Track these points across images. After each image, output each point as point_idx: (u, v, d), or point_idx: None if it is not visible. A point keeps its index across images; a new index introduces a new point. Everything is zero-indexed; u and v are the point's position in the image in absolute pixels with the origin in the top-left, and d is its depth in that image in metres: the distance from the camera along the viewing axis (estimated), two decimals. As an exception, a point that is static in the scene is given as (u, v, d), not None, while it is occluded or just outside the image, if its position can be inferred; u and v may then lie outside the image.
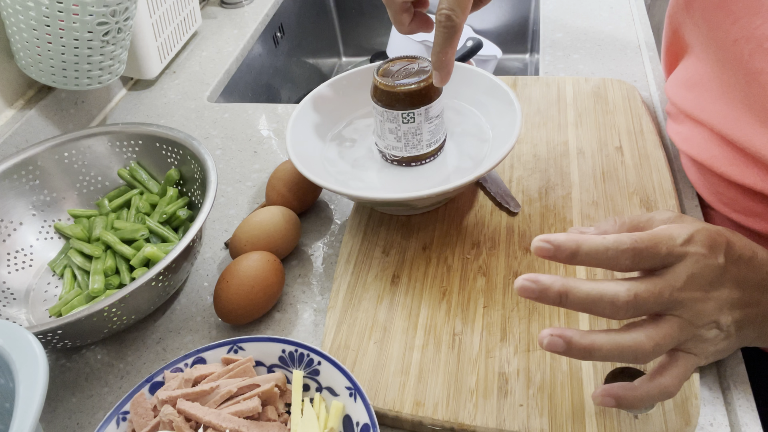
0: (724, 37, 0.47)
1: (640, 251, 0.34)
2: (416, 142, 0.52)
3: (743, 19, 0.45)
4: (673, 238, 0.35)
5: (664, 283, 0.35)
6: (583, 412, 0.40)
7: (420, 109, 0.50)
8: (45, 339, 0.45)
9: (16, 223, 0.58)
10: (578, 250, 0.34)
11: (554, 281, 0.34)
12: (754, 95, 0.44)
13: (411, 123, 0.51)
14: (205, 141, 0.72)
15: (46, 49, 0.62)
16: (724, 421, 0.41)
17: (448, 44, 0.44)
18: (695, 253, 0.35)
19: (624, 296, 0.34)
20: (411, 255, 0.52)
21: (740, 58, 0.45)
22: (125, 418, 0.42)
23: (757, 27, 0.44)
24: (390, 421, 0.43)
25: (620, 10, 0.85)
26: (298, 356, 0.44)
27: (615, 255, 0.34)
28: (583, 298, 0.34)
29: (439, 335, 0.46)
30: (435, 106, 0.51)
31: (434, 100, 0.51)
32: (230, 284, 0.49)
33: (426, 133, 0.52)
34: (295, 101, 1.06)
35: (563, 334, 0.34)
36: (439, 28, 0.44)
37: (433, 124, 0.52)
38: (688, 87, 0.54)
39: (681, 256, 0.35)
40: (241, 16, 0.98)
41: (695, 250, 0.35)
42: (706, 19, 0.49)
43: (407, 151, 0.53)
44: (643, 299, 0.34)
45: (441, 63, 0.46)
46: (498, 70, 1.12)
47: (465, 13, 0.43)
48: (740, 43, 0.45)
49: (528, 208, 0.55)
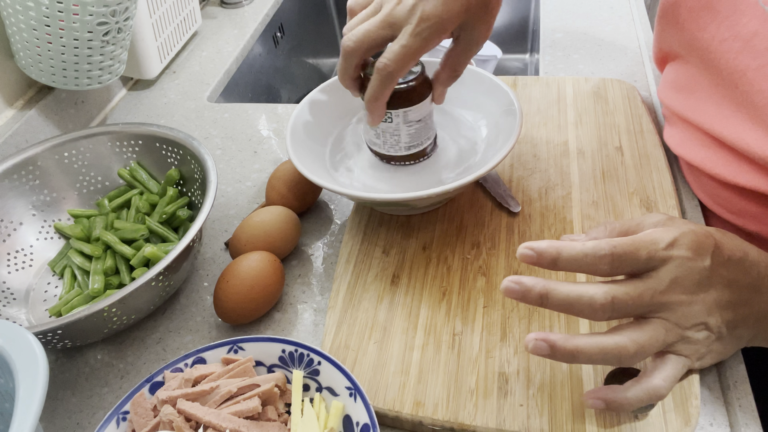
0: (711, 38, 0.47)
1: (618, 256, 0.35)
2: (394, 142, 0.52)
3: (730, 18, 0.45)
4: (655, 242, 0.36)
5: (645, 287, 0.36)
6: (583, 412, 0.40)
7: (398, 110, 0.49)
8: (45, 339, 0.45)
9: (16, 223, 0.58)
10: (558, 257, 0.36)
11: (536, 283, 0.36)
12: (742, 93, 0.45)
13: (389, 123, 0.50)
14: (205, 141, 0.72)
15: (46, 49, 0.62)
16: (724, 421, 0.41)
17: (380, 91, 0.46)
18: (679, 257, 0.36)
19: (601, 298, 0.35)
20: (411, 255, 0.52)
21: (727, 57, 0.45)
22: (125, 418, 0.42)
23: (744, 25, 0.44)
24: (390, 421, 0.43)
25: (620, 10, 0.85)
26: (298, 356, 0.44)
27: (593, 261, 0.36)
28: (562, 299, 0.35)
29: (439, 335, 0.46)
30: (415, 111, 0.50)
31: (415, 104, 0.50)
32: (230, 284, 0.49)
33: (404, 135, 0.51)
34: (295, 101, 1.06)
35: (547, 338, 0.35)
36: (375, 75, 0.45)
37: (413, 128, 0.51)
38: (678, 89, 0.54)
39: (664, 260, 0.36)
40: (241, 16, 0.98)
41: (679, 253, 0.36)
42: (694, 21, 0.49)
43: (386, 150, 0.53)
44: (621, 302, 0.35)
45: (372, 107, 0.48)
46: (498, 70, 1.12)
47: (402, 67, 0.45)
48: (728, 42, 0.45)
49: (528, 208, 0.55)
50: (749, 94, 0.44)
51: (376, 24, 0.45)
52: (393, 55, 0.44)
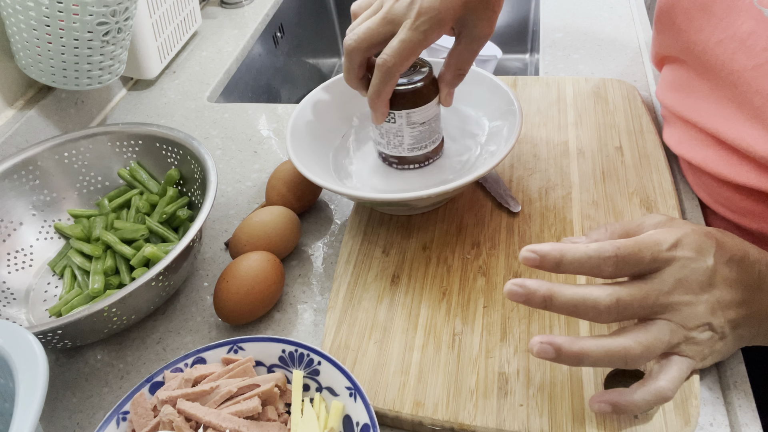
0: (707, 40, 0.47)
1: (622, 258, 0.35)
2: (397, 143, 0.52)
3: (725, 20, 0.45)
4: (658, 243, 0.36)
5: (649, 288, 0.36)
6: (583, 411, 0.40)
7: (401, 111, 0.49)
8: (45, 339, 0.45)
9: (16, 223, 0.58)
10: (562, 260, 0.36)
11: (540, 286, 0.35)
12: (740, 93, 0.45)
13: (392, 123, 0.50)
14: (205, 141, 0.72)
15: (46, 49, 0.62)
16: (724, 421, 0.41)
17: (382, 87, 0.46)
18: (682, 257, 0.36)
19: (605, 300, 0.35)
20: (411, 255, 0.52)
21: (723, 58, 0.46)
22: (125, 418, 0.42)
23: (740, 26, 0.44)
24: (390, 421, 0.43)
25: (620, 10, 0.85)
26: (298, 356, 0.44)
27: (597, 263, 0.35)
28: (566, 302, 0.35)
29: (439, 335, 0.46)
30: (419, 113, 0.50)
31: (418, 106, 0.49)
32: (230, 284, 0.49)
33: (408, 137, 0.51)
34: (295, 101, 1.06)
35: (553, 341, 0.35)
36: (376, 71, 0.46)
37: (417, 130, 0.51)
38: (676, 89, 0.54)
39: (668, 261, 0.36)
40: (241, 16, 0.98)
41: (682, 254, 0.36)
42: (689, 23, 0.49)
43: (389, 150, 0.53)
44: (626, 303, 0.35)
45: (375, 104, 0.48)
46: (498, 70, 1.12)
47: (403, 62, 0.45)
48: (723, 43, 0.45)
49: (528, 208, 0.55)
50: (747, 94, 0.44)
51: (376, 21, 0.45)
52: (392, 50, 0.44)
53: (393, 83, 0.46)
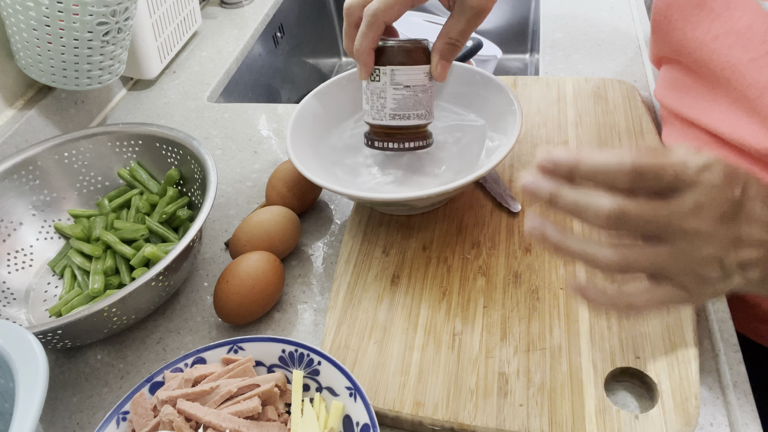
0: (704, 36, 0.47)
1: (641, 171, 0.32)
2: (380, 106, 0.51)
3: (723, 15, 0.45)
4: (685, 163, 0.33)
5: (664, 207, 0.33)
6: (583, 412, 0.40)
7: (386, 68, 0.49)
8: (45, 339, 0.45)
9: (16, 223, 0.58)
10: (577, 167, 0.33)
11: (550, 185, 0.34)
12: (736, 88, 0.45)
13: (376, 81, 0.50)
14: (205, 141, 0.72)
15: (46, 49, 0.62)
16: (724, 421, 0.41)
17: (367, 32, 0.47)
18: (708, 183, 0.32)
19: (609, 205, 0.32)
20: (411, 255, 0.52)
21: (720, 53, 0.45)
22: (125, 418, 0.42)
23: (738, 19, 0.44)
24: (390, 421, 0.43)
25: (620, 10, 0.85)
26: (298, 356, 0.44)
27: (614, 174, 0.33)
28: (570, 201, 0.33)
29: (439, 335, 0.46)
30: (404, 72, 0.49)
31: (404, 65, 0.49)
32: (230, 284, 0.49)
33: (390, 99, 0.50)
34: (295, 101, 1.06)
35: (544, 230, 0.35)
36: (363, 18, 0.47)
37: (400, 93, 0.50)
38: (673, 88, 0.54)
39: (691, 183, 0.32)
40: (241, 16, 0.98)
41: (709, 178, 0.32)
42: (686, 20, 0.49)
43: (372, 116, 0.52)
44: (632, 215, 0.32)
45: (359, 53, 0.49)
46: (498, 70, 1.12)
47: (388, 9, 0.46)
48: (721, 38, 0.45)
49: (528, 207, 0.55)
50: (742, 87, 0.44)
51: None
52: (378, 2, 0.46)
53: (377, 30, 0.47)
